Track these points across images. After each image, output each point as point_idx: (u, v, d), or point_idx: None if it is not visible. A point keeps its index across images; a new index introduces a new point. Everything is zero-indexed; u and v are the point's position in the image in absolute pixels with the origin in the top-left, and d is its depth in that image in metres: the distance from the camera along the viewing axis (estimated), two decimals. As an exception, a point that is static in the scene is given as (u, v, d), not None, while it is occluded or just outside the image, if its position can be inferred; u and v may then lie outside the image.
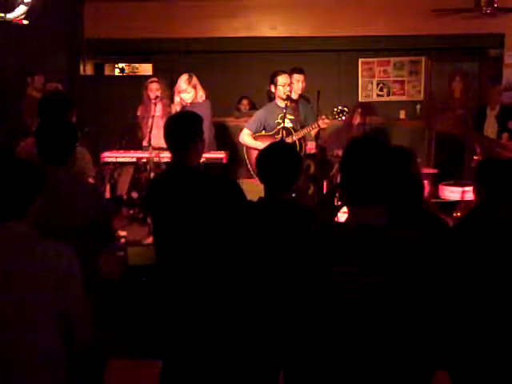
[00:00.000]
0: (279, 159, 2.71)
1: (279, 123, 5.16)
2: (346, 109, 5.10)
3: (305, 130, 5.14)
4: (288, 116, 5.15)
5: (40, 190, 2.21)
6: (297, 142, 5.14)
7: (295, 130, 5.17)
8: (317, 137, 5.26)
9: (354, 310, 1.80)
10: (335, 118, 5.13)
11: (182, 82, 5.57)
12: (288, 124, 5.15)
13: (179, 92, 5.61)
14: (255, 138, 5.35)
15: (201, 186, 2.93)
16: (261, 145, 5.03)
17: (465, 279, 2.30)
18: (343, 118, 5.16)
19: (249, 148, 5.44)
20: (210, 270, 2.84)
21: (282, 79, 5.19)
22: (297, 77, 5.49)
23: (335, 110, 5.10)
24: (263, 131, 5.33)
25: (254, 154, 5.25)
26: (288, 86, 5.18)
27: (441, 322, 1.84)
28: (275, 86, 5.21)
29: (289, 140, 5.11)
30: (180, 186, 2.93)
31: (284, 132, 5.09)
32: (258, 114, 5.41)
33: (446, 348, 1.94)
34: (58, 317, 2.14)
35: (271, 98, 5.46)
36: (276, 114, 5.21)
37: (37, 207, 2.20)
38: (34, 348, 2.12)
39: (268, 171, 2.72)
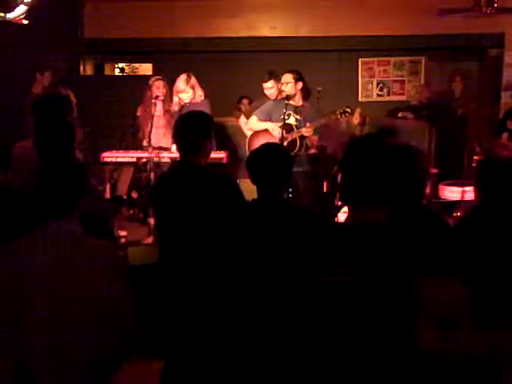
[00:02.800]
0: (269, 162, 2.70)
1: (284, 119, 5.23)
2: (348, 109, 5.16)
3: (306, 129, 5.18)
4: (294, 115, 5.22)
5: (84, 189, 2.30)
6: (297, 138, 5.18)
7: (297, 128, 5.21)
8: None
9: (353, 310, 1.80)
10: (337, 119, 5.21)
11: (181, 82, 5.59)
12: (292, 122, 5.22)
13: (177, 92, 5.63)
14: (255, 134, 5.43)
15: (208, 185, 2.93)
16: (268, 125, 5.32)
17: (464, 279, 2.30)
18: (345, 118, 5.23)
19: (251, 139, 5.50)
20: (211, 270, 2.84)
21: (283, 78, 5.30)
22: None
23: (338, 111, 5.16)
24: (269, 122, 5.40)
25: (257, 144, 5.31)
26: (282, 85, 5.27)
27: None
28: (281, 83, 5.33)
29: (289, 136, 5.17)
30: (189, 186, 2.93)
31: (283, 129, 5.16)
32: (267, 105, 5.52)
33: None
34: (105, 312, 2.20)
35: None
36: (282, 109, 5.28)
37: (83, 206, 2.27)
38: (83, 343, 2.18)
39: (258, 174, 2.72)
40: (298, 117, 5.25)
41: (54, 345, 2.15)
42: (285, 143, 5.12)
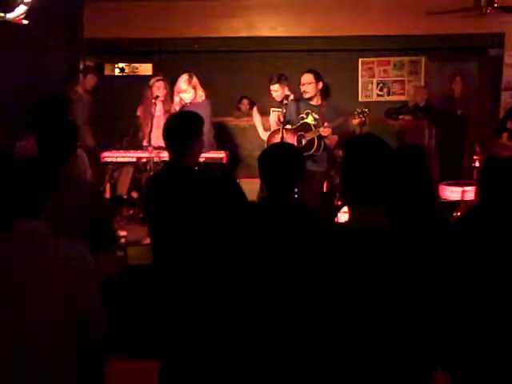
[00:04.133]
0: (280, 161, 2.70)
1: (303, 118, 5.26)
2: (366, 110, 5.20)
3: (324, 129, 5.19)
4: (313, 114, 5.24)
5: (56, 187, 2.25)
6: (315, 138, 5.20)
7: (315, 128, 5.23)
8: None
9: (354, 310, 1.80)
10: (355, 119, 5.25)
11: (182, 82, 5.59)
12: (311, 121, 5.25)
13: (179, 92, 5.64)
14: (272, 135, 5.50)
15: (198, 185, 2.92)
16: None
17: (463, 278, 2.30)
18: (364, 119, 5.25)
19: (270, 141, 5.54)
20: (207, 270, 2.84)
21: (303, 78, 5.34)
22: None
23: (356, 111, 5.20)
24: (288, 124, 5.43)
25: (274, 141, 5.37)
26: (303, 85, 5.29)
27: (440, 321, 1.84)
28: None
29: (308, 135, 5.20)
30: (176, 186, 2.93)
31: (301, 128, 5.20)
32: (288, 105, 5.53)
33: (445, 347, 1.94)
34: (71, 315, 2.17)
35: None
36: (302, 109, 5.31)
37: (52, 205, 2.24)
38: (45, 347, 2.14)
39: (270, 173, 2.71)
40: (316, 116, 5.26)
41: (21, 344, 2.11)
42: (303, 142, 5.16)
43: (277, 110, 6.02)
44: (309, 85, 5.27)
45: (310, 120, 5.26)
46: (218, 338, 2.82)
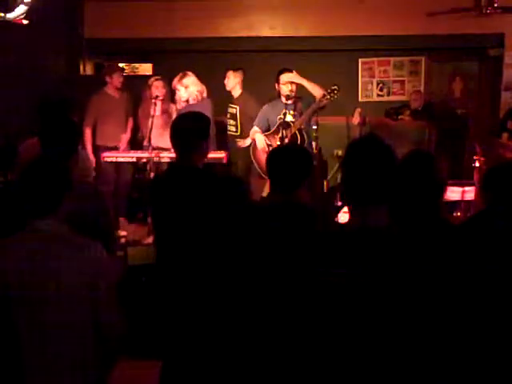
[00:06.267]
0: (291, 161, 2.72)
1: (281, 119, 5.25)
2: (335, 87, 5.14)
3: (300, 120, 5.19)
4: (290, 112, 5.23)
5: (70, 188, 2.29)
6: (297, 133, 5.19)
7: (294, 123, 5.23)
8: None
9: (354, 311, 1.80)
10: (328, 99, 5.17)
11: (175, 80, 5.66)
12: (290, 119, 5.25)
13: (174, 89, 5.71)
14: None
15: (204, 184, 2.92)
16: (257, 137, 5.32)
17: (466, 283, 2.29)
18: (335, 96, 5.18)
19: (255, 147, 5.52)
20: (211, 270, 2.84)
21: (284, 77, 5.29)
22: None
23: (325, 92, 5.15)
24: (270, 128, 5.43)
25: (260, 153, 5.35)
26: (290, 84, 5.26)
27: (441, 327, 1.83)
28: (278, 84, 5.33)
29: (288, 133, 5.18)
30: (182, 185, 2.93)
31: (282, 128, 5.19)
32: (262, 111, 5.54)
33: (446, 358, 1.92)
34: (85, 313, 2.21)
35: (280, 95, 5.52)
36: (279, 110, 5.30)
37: (67, 205, 2.27)
38: (68, 347, 2.19)
39: (275, 172, 2.73)
40: (294, 113, 5.27)
41: (39, 344, 2.16)
42: (286, 141, 5.15)
43: (233, 106, 6.06)
44: (294, 83, 5.28)
45: (289, 119, 5.25)
46: (221, 337, 2.82)
